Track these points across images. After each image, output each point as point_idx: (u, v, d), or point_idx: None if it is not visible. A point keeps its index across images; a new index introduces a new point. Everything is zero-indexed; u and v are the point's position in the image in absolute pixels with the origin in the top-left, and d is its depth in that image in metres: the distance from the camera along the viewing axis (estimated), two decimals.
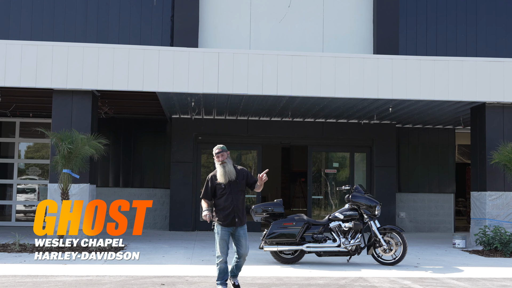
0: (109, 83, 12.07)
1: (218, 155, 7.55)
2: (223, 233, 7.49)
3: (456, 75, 12.65)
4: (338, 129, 16.53)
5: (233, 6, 16.50)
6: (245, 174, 7.69)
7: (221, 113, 15.58)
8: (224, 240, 7.48)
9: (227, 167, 7.52)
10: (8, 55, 11.89)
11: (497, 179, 12.73)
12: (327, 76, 12.43)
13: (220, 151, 7.57)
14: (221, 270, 7.52)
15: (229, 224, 7.49)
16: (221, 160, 7.53)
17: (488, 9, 17.59)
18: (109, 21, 16.43)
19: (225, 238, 7.49)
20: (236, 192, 7.55)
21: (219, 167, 7.54)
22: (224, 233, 7.49)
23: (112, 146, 16.14)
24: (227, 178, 7.50)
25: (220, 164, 7.53)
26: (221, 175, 7.51)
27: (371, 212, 10.14)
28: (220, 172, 7.52)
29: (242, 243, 7.55)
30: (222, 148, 7.62)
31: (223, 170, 7.50)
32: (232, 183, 7.53)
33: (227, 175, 7.50)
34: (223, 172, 7.50)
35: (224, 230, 7.50)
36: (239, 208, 7.53)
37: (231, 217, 7.48)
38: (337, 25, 16.73)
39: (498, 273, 9.56)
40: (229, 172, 7.52)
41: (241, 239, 7.55)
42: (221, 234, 7.49)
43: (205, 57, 12.29)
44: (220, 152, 7.56)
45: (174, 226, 15.78)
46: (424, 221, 17.20)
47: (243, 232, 7.58)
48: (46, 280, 8.22)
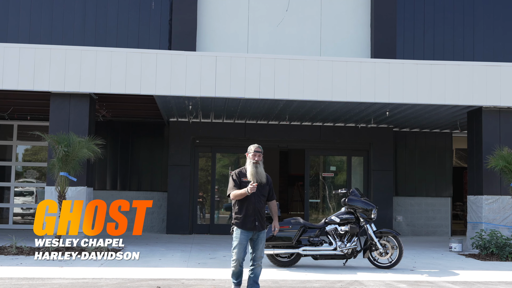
0: (106, 86, 12.09)
1: (255, 154, 7.39)
2: (243, 237, 7.26)
3: (453, 79, 12.69)
4: (336, 132, 16.56)
5: (231, 10, 16.54)
6: (270, 181, 7.55)
7: (219, 116, 15.61)
8: (243, 245, 7.26)
9: (259, 168, 7.35)
10: (6, 58, 11.91)
11: (494, 183, 12.76)
12: (324, 80, 12.47)
13: (260, 150, 7.43)
14: (235, 272, 7.33)
15: (250, 228, 7.26)
16: (256, 160, 7.37)
17: (485, 13, 17.66)
18: (108, 24, 16.46)
19: (244, 243, 7.27)
20: (260, 196, 7.35)
21: (251, 165, 7.33)
22: (244, 238, 7.26)
23: (109, 149, 16.17)
24: (258, 179, 7.30)
25: (254, 163, 7.34)
26: (252, 175, 7.29)
27: (367, 216, 10.15)
28: (251, 171, 7.31)
29: (259, 246, 7.35)
30: (261, 148, 7.48)
31: (255, 170, 7.31)
32: (259, 186, 7.31)
33: (258, 176, 7.30)
34: (254, 172, 7.30)
35: (244, 234, 7.26)
36: (260, 212, 7.32)
37: (251, 220, 7.26)
38: (335, 29, 16.78)
39: (493, 277, 9.58)
40: (260, 174, 7.35)
41: (259, 243, 7.35)
42: (240, 238, 7.26)
43: (203, 61, 12.32)
44: (258, 152, 7.41)
45: (171, 229, 15.79)
46: (421, 225, 17.23)
47: (262, 236, 7.37)
48: (42, 283, 8.23)
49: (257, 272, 7.37)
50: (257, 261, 7.35)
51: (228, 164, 16.89)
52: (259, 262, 7.36)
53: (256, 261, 7.34)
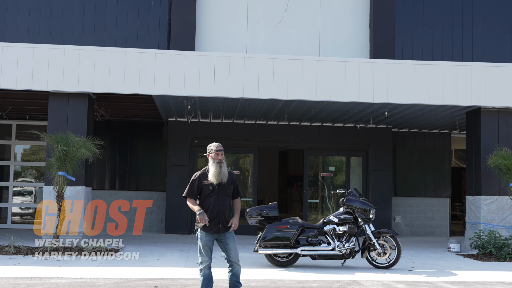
0: (105, 86, 12.09)
1: (218, 153, 7.06)
2: (207, 239, 6.98)
3: (452, 79, 12.70)
4: (334, 133, 16.56)
5: (230, 10, 16.54)
6: (234, 179, 7.24)
7: (218, 116, 15.61)
8: (208, 246, 6.99)
9: (223, 168, 7.03)
10: (4, 58, 11.91)
11: (492, 184, 12.77)
12: (323, 80, 12.47)
13: (221, 149, 7.11)
14: (205, 277, 7.03)
15: (214, 231, 6.97)
16: (220, 159, 7.05)
17: (484, 14, 17.67)
18: (106, 24, 16.46)
19: (209, 244, 6.99)
20: (224, 196, 7.04)
21: (214, 165, 7.02)
22: (208, 239, 6.99)
23: (108, 149, 16.17)
24: (220, 179, 6.99)
25: (217, 162, 7.02)
26: (215, 175, 6.97)
27: (365, 216, 10.15)
28: (214, 171, 6.99)
29: (230, 246, 7.02)
30: (221, 146, 7.16)
31: (219, 170, 6.99)
32: (221, 186, 7.03)
33: (220, 176, 6.99)
34: (218, 172, 6.98)
35: (208, 236, 6.98)
36: (224, 214, 7.00)
37: (215, 222, 6.95)
38: (334, 30, 16.78)
39: (491, 277, 9.58)
40: (223, 174, 7.01)
41: (228, 242, 7.03)
42: (204, 240, 6.99)
43: (201, 61, 12.32)
44: (221, 150, 7.09)
45: (170, 229, 15.78)
46: (419, 225, 17.23)
47: (230, 236, 7.06)
48: (40, 282, 8.22)
49: (237, 272, 7.07)
50: (233, 260, 7.03)
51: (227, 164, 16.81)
52: (235, 260, 7.04)
53: (232, 260, 7.03)
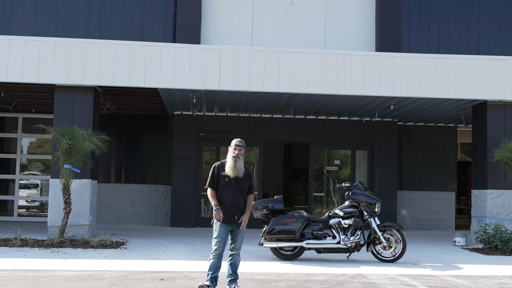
0: (111, 79, 12.10)
1: (236, 147, 7.42)
2: (222, 230, 7.34)
3: (458, 73, 12.65)
4: (340, 126, 16.55)
5: (236, 3, 16.52)
6: (250, 175, 7.57)
7: (223, 109, 15.61)
8: (222, 238, 7.35)
9: (238, 162, 7.38)
10: (10, 51, 11.93)
11: (498, 177, 12.74)
12: (329, 73, 12.45)
13: (241, 145, 7.47)
14: (213, 263, 7.34)
15: (228, 221, 7.33)
16: (237, 154, 7.40)
17: (491, 9, 17.58)
18: (112, 17, 16.47)
19: (223, 236, 7.35)
20: (239, 190, 7.41)
21: (231, 159, 7.39)
22: (223, 231, 7.35)
23: (114, 142, 16.20)
24: (235, 173, 7.36)
25: (234, 156, 7.39)
26: (231, 168, 7.36)
27: (371, 209, 10.15)
28: (230, 165, 7.38)
29: (238, 239, 7.45)
30: (242, 142, 7.53)
31: (234, 164, 7.36)
32: (237, 180, 7.39)
33: (236, 170, 7.36)
34: (233, 165, 7.36)
35: (222, 227, 7.34)
36: (239, 206, 7.38)
37: (230, 213, 7.33)
38: (339, 23, 16.73)
39: (497, 271, 9.57)
40: (239, 168, 7.38)
41: (238, 235, 7.44)
42: (219, 231, 7.35)
43: (207, 54, 12.31)
44: (239, 146, 7.45)
45: (175, 222, 15.83)
46: (425, 219, 17.22)
47: (243, 230, 7.46)
48: (47, 275, 8.26)
49: (236, 262, 7.46)
50: (235, 250, 7.45)
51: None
52: (237, 251, 7.46)
53: (235, 250, 7.45)
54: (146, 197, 16.55)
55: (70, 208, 11.44)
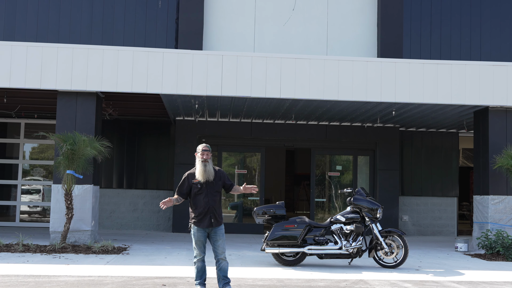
0: (113, 85, 12.14)
1: (204, 153, 7.54)
2: (199, 234, 7.51)
3: (460, 79, 12.67)
4: (342, 132, 16.56)
5: (238, 9, 16.56)
6: (222, 176, 7.70)
7: (225, 115, 15.64)
8: (201, 241, 7.50)
9: (207, 166, 7.51)
10: (13, 57, 11.98)
11: (500, 183, 12.74)
12: (331, 79, 12.47)
13: (207, 149, 7.58)
14: (198, 269, 7.54)
15: (206, 225, 7.47)
16: (205, 158, 7.52)
17: (493, 13, 17.60)
18: (114, 22, 16.52)
19: (202, 239, 7.51)
20: (213, 193, 7.54)
21: (200, 164, 7.51)
22: (201, 235, 7.51)
23: (116, 147, 16.23)
24: (206, 177, 7.48)
25: (202, 161, 7.51)
26: (201, 173, 7.48)
27: (372, 215, 10.15)
28: (200, 170, 7.50)
29: (219, 243, 7.51)
30: (209, 147, 7.65)
31: (204, 169, 7.49)
32: (209, 184, 7.52)
33: (206, 174, 7.48)
34: (203, 170, 7.48)
35: (200, 231, 7.51)
36: (215, 209, 7.51)
37: (207, 218, 7.47)
38: (341, 28, 16.77)
39: (499, 277, 9.56)
40: (209, 172, 7.51)
41: (218, 239, 7.52)
42: (197, 235, 7.51)
43: (209, 60, 12.34)
44: (206, 150, 7.56)
45: (177, 228, 15.83)
46: (427, 224, 17.20)
47: (220, 233, 7.56)
48: (49, 280, 8.27)
49: (224, 267, 7.53)
50: (220, 255, 7.50)
51: (235, 163, 16.92)
52: (222, 256, 7.50)
53: (219, 256, 7.50)
54: (148, 202, 16.57)
55: (72, 213, 11.46)
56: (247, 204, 16.53)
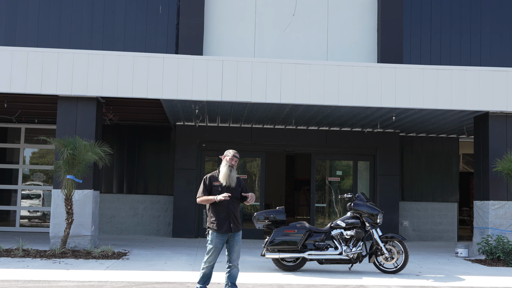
0: (113, 90, 12.15)
1: (233, 158, 7.58)
2: (217, 241, 7.40)
3: (460, 84, 12.68)
4: (342, 137, 16.57)
5: (238, 14, 16.59)
6: (242, 184, 7.72)
7: (225, 120, 15.65)
8: (218, 248, 7.42)
9: (233, 172, 7.55)
10: (14, 61, 11.99)
11: (500, 188, 12.73)
12: (331, 85, 12.48)
13: (237, 156, 7.64)
14: (205, 274, 7.48)
15: (226, 230, 7.40)
16: (232, 164, 7.56)
17: (493, 19, 17.63)
18: (115, 28, 16.55)
19: (219, 246, 7.42)
20: (232, 199, 7.49)
21: (226, 168, 7.52)
22: (219, 242, 7.41)
23: (116, 152, 16.23)
24: (229, 182, 7.49)
25: (230, 166, 7.53)
26: (225, 177, 7.48)
27: (373, 220, 10.15)
28: (224, 173, 7.49)
29: (235, 249, 7.48)
30: (238, 154, 7.70)
31: (229, 173, 7.50)
32: (229, 189, 7.50)
33: (230, 179, 7.49)
34: (228, 174, 7.49)
35: (219, 238, 7.40)
36: (234, 214, 7.48)
37: (227, 222, 7.41)
38: (342, 34, 16.80)
39: (499, 282, 9.55)
40: (232, 178, 7.53)
41: (235, 245, 7.48)
42: (215, 242, 7.40)
43: (209, 65, 12.36)
44: (236, 157, 7.62)
45: (177, 233, 15.82)
46: (427, 230, 17.18)
47: (238, 239, 7.52)
48: (48, 285, 8.26)
49: (235, 274, 7.51)
50: (233, 262, 7.48)
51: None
52: (235, 263, 7.49)
53: (232, 262, 7.48)
54: (148, 207, 16.56)
55: (72, 218, 11.45)
56: (247, 209, 16.52)
